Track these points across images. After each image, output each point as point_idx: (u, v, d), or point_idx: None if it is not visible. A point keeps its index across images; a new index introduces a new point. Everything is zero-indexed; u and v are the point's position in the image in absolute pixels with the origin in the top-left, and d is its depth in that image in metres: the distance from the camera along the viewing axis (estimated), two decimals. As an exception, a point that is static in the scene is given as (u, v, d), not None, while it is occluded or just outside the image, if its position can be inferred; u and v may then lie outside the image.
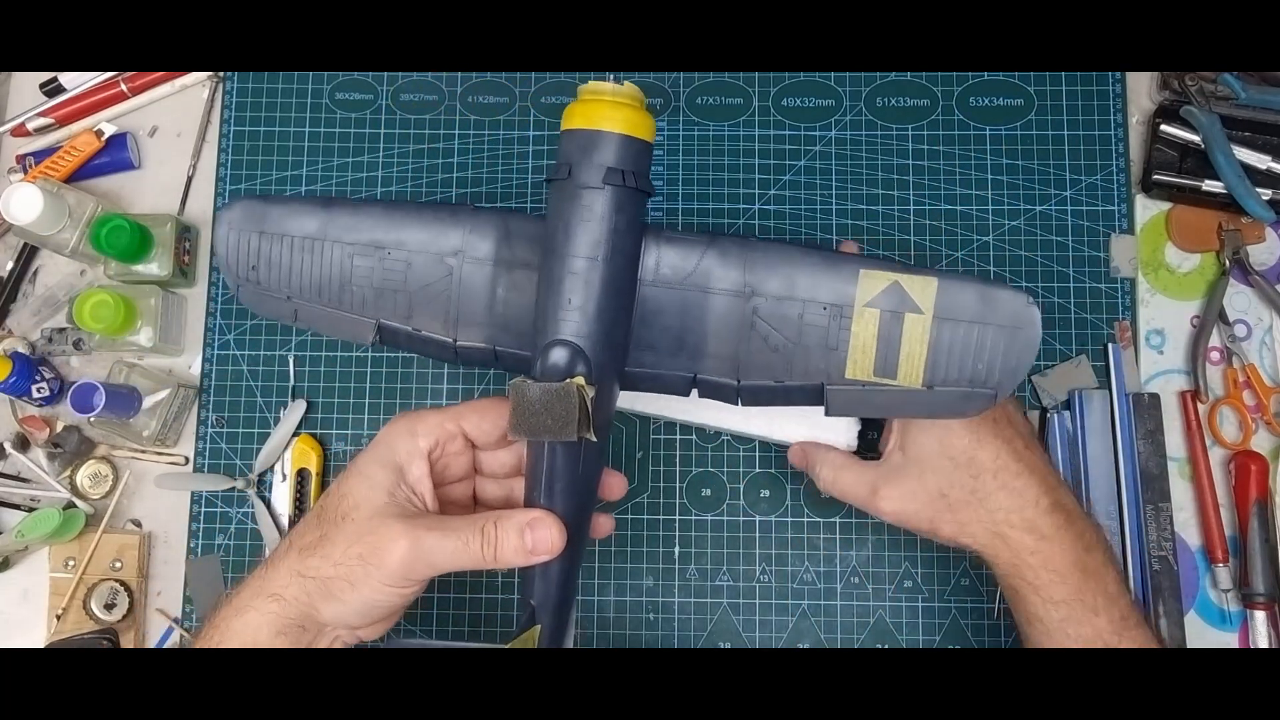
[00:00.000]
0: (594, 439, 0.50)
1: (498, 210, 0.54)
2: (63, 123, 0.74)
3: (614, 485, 0.56)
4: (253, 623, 0.49)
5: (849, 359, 0.50)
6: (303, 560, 0.49)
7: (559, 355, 0.50)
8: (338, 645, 0.51)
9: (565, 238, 0.50)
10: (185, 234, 0.70)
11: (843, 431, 0.61)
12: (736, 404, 0.53)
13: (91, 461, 0.69)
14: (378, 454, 0.51)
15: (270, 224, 0.55)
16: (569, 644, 0.53)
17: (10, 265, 0.72)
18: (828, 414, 0.51)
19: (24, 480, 0.70)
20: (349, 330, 0.55)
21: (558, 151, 0.51)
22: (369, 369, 0.70)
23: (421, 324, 0.54)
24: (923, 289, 0.49)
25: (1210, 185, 0.69)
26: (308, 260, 0.55)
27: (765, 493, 0.68)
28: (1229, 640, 0.67)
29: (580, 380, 0.49)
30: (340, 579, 0.48)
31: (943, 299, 0.49)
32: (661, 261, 0.52)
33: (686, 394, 0.54)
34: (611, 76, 0.51)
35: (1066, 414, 0.68)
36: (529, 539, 0.49)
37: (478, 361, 0.55)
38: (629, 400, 0.63)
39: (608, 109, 0.50)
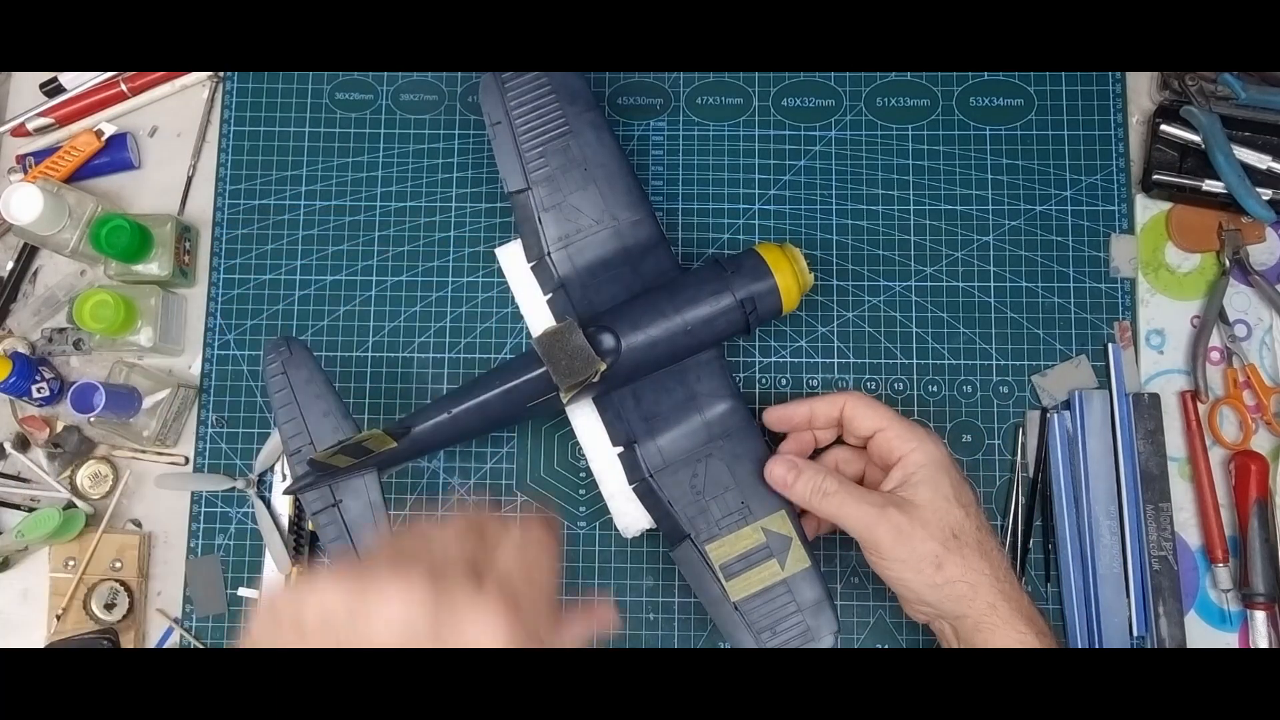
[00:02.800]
0: (564, 400, 0.61)
1: (662, 231, 0.65)
2: (63, 123, 0.74)
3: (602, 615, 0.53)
4: None
5: (720, 541, 0.60)
6: None
7: (608, 342, 0.61)
8: None
9: (685, 297, 0.61)
10: (185, 234, 0.70)
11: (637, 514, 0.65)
12: (630, 486, 0.63)
13: (91, 461, 0.69)
14: None
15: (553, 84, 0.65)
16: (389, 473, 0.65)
17: (10, 265, 0.72)
18: (672, 553, 0.61)
19: (24, 480, 0.70)
20: (509, 167, 0.65)
21: (742, 252, 0.63)
22: (369, 369, 0.70)
23: (548, 224, 0.65)
24: (797, 559, 0.60)
25: (1210, 185, 0.69)
26: (542, 118, 0.65)
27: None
28: (1229, 640, 0.67)
29: (602, 367, 0.59)
30: None
31: (799, 576, 0.60)
32: (705, 374, 0.63)
33: (616, 444, 0.64)
34: (810, 269, 0.63)
35: (1066, 414, 0.68)
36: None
37: (541, 278, 0.65)
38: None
39: (789, 274, 0.62)
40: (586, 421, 0.66)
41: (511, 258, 0.68)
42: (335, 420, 0.61)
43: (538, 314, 0.66)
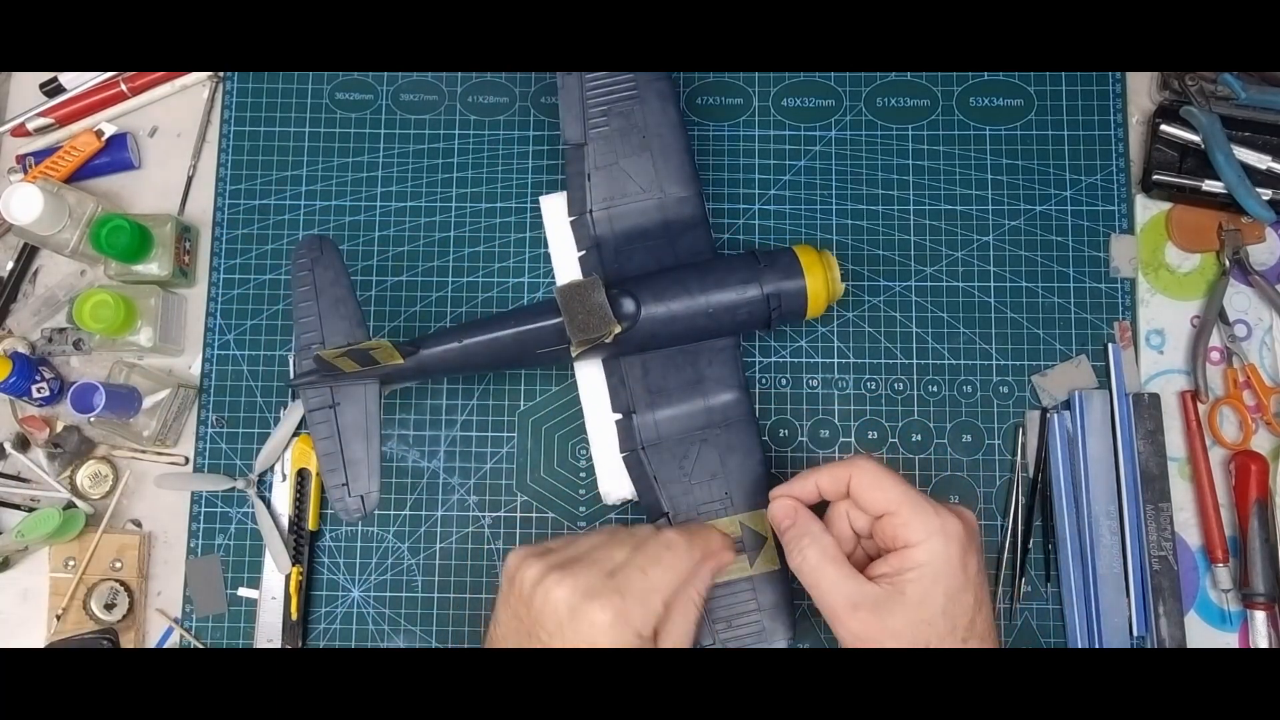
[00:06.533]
0: (573, 355, 0.62)
1: (706, 213, 0.66)
2: (63, 123, 0.74)
3: None
4: None
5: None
6: None
7: (628, 307, 0.61)
8: None
9: (713, 280, 0.62)
10: (185, 234, 0.70)
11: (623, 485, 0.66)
12: (621, 455, 0.64)
13: (91, 461, 0.69)
14: None
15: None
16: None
17: (10, 265, 0.72)
18: (650, 520, 0.62)
19: (24, 480, 0.70)
20: (571, 117, 0.66)
21: (779, 248, 0.63)
22: (369, 369, 0.70)
23: (596, 182, 0.66)
24: (767, 560, 0.61)
25: (1210, 185, 0.69)
26: (613, 75, 0.66)
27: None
28: (1229, 640, 0.67)
29: (618, 329, 0.60)
30: None
31: (766, 578, 0.60)
32: (717, 360, 0.64)
33: (616, 410, 0.64)
34: (840, 271, 0.64)
35: (1066, 414, 0.68)
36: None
37: (578, 234, 0.66)
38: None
39: (820, 279, 0.62)
40: (592, 381, 0.67)
41: (553, 208, 0.69)
42: (350, 326, 0.62)
43: (568, 268, 0.68)
